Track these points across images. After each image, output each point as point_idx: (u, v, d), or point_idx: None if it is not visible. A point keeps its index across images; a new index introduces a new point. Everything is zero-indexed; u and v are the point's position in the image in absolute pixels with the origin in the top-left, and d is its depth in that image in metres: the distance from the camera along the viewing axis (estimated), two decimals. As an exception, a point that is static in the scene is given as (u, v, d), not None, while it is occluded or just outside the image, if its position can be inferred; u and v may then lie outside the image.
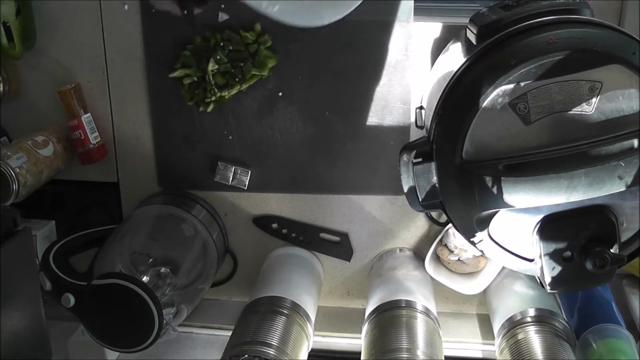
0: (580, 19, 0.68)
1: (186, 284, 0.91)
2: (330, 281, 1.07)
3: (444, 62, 0.83)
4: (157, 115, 1.01)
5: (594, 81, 0.63)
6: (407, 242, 1.04)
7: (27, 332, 0.77)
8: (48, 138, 0.98)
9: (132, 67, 0.99)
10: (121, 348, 0.85)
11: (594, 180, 0.63)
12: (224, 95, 0.95)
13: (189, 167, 1.02)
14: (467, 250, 0.97)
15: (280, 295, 0.91)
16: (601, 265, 0.64)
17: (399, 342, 0.82)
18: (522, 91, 0.64)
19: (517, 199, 0.65)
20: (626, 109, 0.64)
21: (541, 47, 0.63)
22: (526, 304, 0.90)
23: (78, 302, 0.83)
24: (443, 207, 0.70)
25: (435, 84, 0.81)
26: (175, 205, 0.99)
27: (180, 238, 0.97)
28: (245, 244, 1.06)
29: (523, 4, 0.71)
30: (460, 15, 0.93)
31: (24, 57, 0.98)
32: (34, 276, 0.82)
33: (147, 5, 0.95)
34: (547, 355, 0.81)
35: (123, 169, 1.05)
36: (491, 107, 0.65)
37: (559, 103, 0.64)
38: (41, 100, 1.02)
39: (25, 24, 0.96)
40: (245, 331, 0.85)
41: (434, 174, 0.68)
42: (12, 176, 0.88)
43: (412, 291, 0.92)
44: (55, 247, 0.90)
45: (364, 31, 0.93)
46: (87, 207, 1.08)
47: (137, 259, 0.89)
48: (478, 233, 0.70)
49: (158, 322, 0.80)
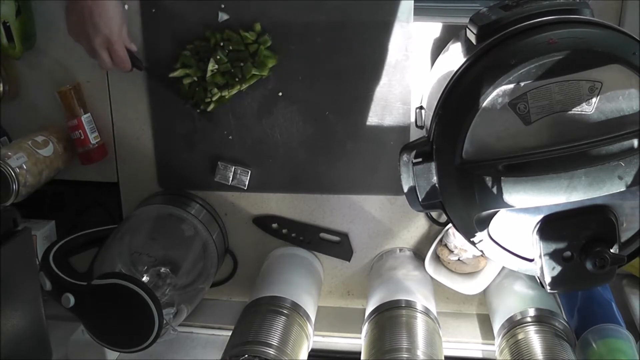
0: (580, 19, 0.68)
1: (186, 284, 0.91)
2: (330, 281, 1.07)
3: (444, 62, 0.83)
4: (157, 116, 1.01)
5: (594, 81, 0.63)
6: (407, 242, 1.04)
7: (27, 332, 0.77)
8: (48, 138, 0.98)
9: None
10: (121, 348, 0.85)
11: (594, 180, 0.63)
12: (224, 95, 0.95)
13: (189, 167, 1.02)
14: (467, 250, 0.97)
15: (280, 295, 0.91)
16: (601, 265, 0.64)
17: (399, 342, 0.82)
18: (522, 91, 0.64)
19: (517, 199, 0.65)
20: (626, 109, 0.64)
21: (541, 47, 0.63)
22: (526, 304, 0.90)
23: (78, 302, 0.83)
24: (443, 207, 0.70)
25: (435, 84, 0.81)
26: (175, 205, 0.99)
27: (180, 238, 0.97)
28: (245, 244, 1.06)
29: (523, 4, 0.71)
30: (460, 15, 0.93)
31: (24, 57, 0.98)
32: (34, 276, 0.82)
33: (148, 5, 0.95)
34: (547, 355, 0.81)
35: (123, 169, 1.05)
36: (491, 107, 0.65)
37: (559, 103, 0.64)
38: (41, 100, 1.02)
39: (25, 24, 0.96)
40: (245, 331, 0.85)
41: (434, 174, 0.68)
42: (12, 176, 0.88)
43: (412, 291, 0.92)
44: (55, 247, 0.90)
45: (364, 31, 0.93)
46: (87, 207, 1.08)
47: (137, 259, 0.89)
48: (478, 233, 0.70)
49: (158, 322, 0.80)
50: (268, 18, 0.93)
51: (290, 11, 0.93)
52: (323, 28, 0.93)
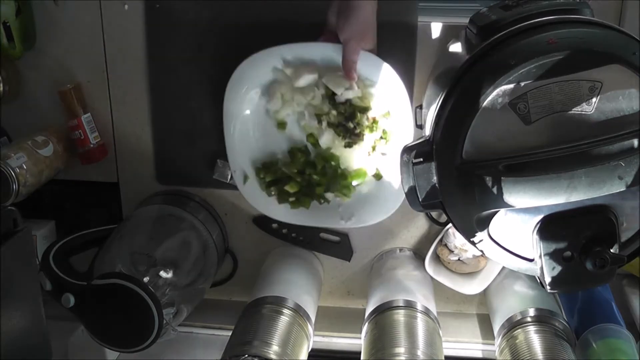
0: (580, 19, 0.68)
1: (186, 284, 0.91)
2: (330, 281, 1.07)
3: (444, 62, 0.83)
4: (158, 116, 1.01)
5: (594, 81, 0.63)
6: (407, 242, 1.04)
7: (27, 332, 0.76)
8: (48, 138, 0.98)
9: (132, 67, 0.99)
10: (121, 348, 0.85)
11: (594, 180, 0.63)
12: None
13: (188, 164, 1.02)
14: (467, 250, 0.97)
15: (280, 295, 0.91)
16: (601, 265, 0.64)
17: (398, 342, 0.82)
18: (522, 91, 0.64)
19: (517, 199, 0.65)
20: (626, 109, 0.64)
21: (541, 47, 0.63)
22: (526, 304, 0.90)
23: (78, 302, 0.83)
24: (443, 207, 0.70)
25: (435, 83, 0.81)
26: (175, 205, 0.99)
27: (180, 238, 0.96)
28: (245, 244, 1.06)
29: (523, 4, 0.71)
30: (460, 15, 0.93)
31: (24, 57, 0.99)
32: (34, 276, 0.82)
33: (150, 5, 0.95)
34: (547, 355, 0.81)
35: (123, 169, 1.05)
36: (491, 107, 0.65)
37: (559, 103, 0.64)
38: (41, 100, 1.02)
39: (25, 24, 0.96)
40: (245, 331, 0.85)
41: (434, 174, 0.68)
42: (12, 176, 0.88)
43: (412, 291, 0.92)
44: (55, 247, 0.90)
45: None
46: (87, 207, 1.08)
47: (137, 259, 0.89)
48: (478, 233, 0.70)
49: (158, 322, 0.80)
50: (269, 19, 0.93)
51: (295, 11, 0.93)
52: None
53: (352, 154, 0.93)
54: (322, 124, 0.92)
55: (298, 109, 0.93)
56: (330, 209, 0.96)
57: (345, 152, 0.93)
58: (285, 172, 0.94)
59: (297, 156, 0.94)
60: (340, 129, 0.91)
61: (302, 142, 0.95)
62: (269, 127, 0.95)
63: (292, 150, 0.95)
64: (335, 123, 0.91)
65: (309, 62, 0.89)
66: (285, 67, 0.90)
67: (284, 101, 0.93)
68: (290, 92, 0.92)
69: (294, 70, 0.90)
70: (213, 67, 0.96)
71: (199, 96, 0.99)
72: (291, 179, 0.94)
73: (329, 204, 0.96)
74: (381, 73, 0.87)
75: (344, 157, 0.94)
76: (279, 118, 0.94)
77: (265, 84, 0.93)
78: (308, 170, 0.94)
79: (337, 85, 0.88)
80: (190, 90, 0.99)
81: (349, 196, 0.94)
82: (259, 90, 0.93)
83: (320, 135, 0.93)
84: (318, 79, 0.90)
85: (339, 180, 0.93)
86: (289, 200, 0.95)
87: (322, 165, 0.94)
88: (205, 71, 0.97)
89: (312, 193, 0.94)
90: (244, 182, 0.96)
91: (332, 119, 0.91)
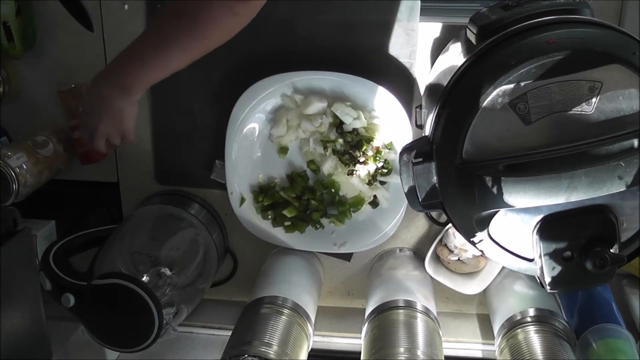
0: (580, 19, 0.68)
1: (186, 284, 0.91)
2: (330, 281, 1.07)
3: (444, 62, 0.83)
4: (158, 116, 1.01)
5: (594, 81, 0.63)
6: (407, 242, 1.04)
7: (27, 332, 0.76)
8: (48, 138, 0.97)
9: (132, 67, 0.99)
10: (121, 348, 0.85)
11: (594, 180, 0.63)
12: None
13: (188, 165, 1.02)
14: (467, 250, 0.97)
15: (280, 295, 0.91)
16: (601, 265, 0.64)
17: (398, 342, 0.82)
18: (522, 91, 0.64)
19: (517, 199, 0.65)
20: (626, 109, 0.64)
21: (541, 47, 0.63)
22: (526, 304, 0.90)
23: (78, 302, 0.83)
24: (443, 207, 0.70)
25: (435, 83, 0.81)
26: (175, 205, 0.99)
27: (180, 238, 0.96)
28: (245, 244, 1.06)
29: (523, 4, 0.71)
30: (460, 15, 0.93)
31: (24, 57, 0.99)
32: (34, 276, 0.82)
33: (152, 5, 0.95)
34: (547, 355, 0.81)
35: (123, 169, 1.05)
36: (491, 107, 0.65)
37: (559, 103, 0.64)
38: (41, 100, 1.02)
39: (25, 24, 0.96)
40: (245, 331, 0.85)
41: (434, 174, 0.68)
42: (12, 176, 0.88)
43: (412, 291, 0.92)
44: (55, 247, 0.90)
45: (364, 31, 0.93)
46: (87, 207, 1.08)
47: (137, 259, 0.89)
48: (478, 233, 0.70)
49: (158, 322, 0.80)
50: (270, 18, 0.93)
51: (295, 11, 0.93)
52: (327, 29, 0.93)
53: (352, 181, 0.95)
54: (327, 151, 0.94)
55: (303, 135, 0.95)
56: (324, 234, 0.99)
57: (345, 180, 0.95)
58: (282, 197, 0.97)
59: (296, 181, 0.97)
60: (345, 157, 0.94)
61: (301, 167, 0.97)
62: (269, 152, 0.98)
63: (292, 176, 0.97)
64: (340, 151, 0.93)
65: (319, 90, 0.92)
66: (294, 93, 0.93)
67: (288, 127, 0.95)
68: (296, 118, 0.94)
69: (304, 97, 0.93)
70: (213, 68, 0.96)
71: (198, 97, 0.99)
72: (289, 204, 0.96)
73: (323, 229, 0.98)
74: (385, 103, 0.91)
75: (343, 184, 0.96)
76: (282, 144, 0.96)
77: (270, 110, 0.95)
78: (307, 195, 0.96)
79: (346, 115, 0.91)
80: (190, 91, 0.99)
81: (344, 222, 0.97)
82: (262, 116, 0.95)
83: (324, 162, 0.95)
84: (327, 107, 0.92)
85: (337, 207, 0.96)
86: (284, 224, 0.98)
87: (321, 192, 0.96)
88: (205, 72, 0.97)
89: (309, 218, 0.97)
90: (240, 205, 0.98)
91: (338, 147, 0.93)
